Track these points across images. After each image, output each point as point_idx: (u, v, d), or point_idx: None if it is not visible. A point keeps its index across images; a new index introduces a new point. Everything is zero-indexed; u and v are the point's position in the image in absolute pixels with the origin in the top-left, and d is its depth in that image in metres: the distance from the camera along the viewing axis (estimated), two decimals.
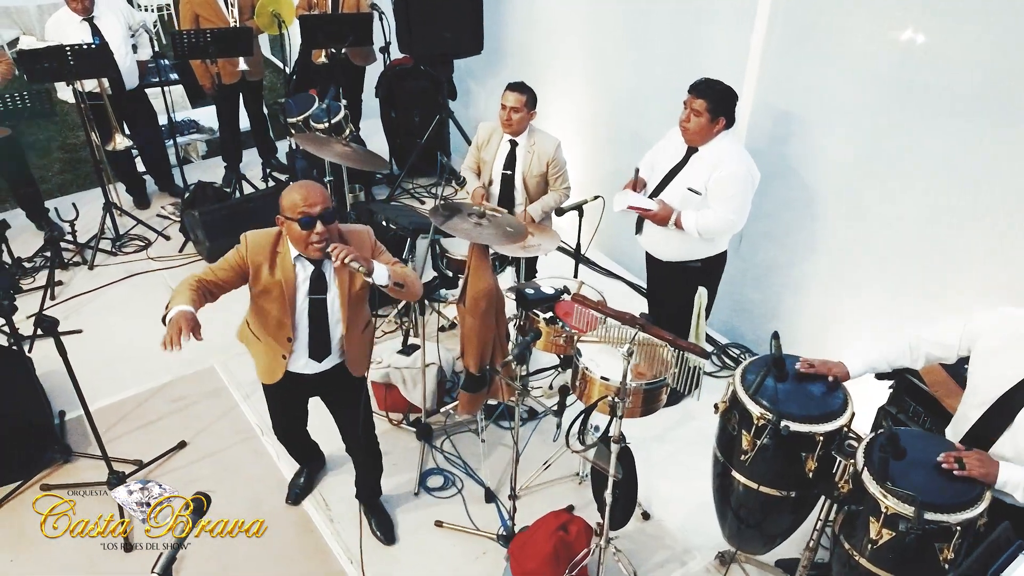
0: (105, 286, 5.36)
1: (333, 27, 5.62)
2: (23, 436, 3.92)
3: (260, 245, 2.91)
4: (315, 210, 2.70)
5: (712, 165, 3.70)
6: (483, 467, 4.02)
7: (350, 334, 3.08)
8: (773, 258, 4.52)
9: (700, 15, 4.45)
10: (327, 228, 2.74)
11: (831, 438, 2.71)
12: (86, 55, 4.97)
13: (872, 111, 3.80)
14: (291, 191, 2.77)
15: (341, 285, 2.97)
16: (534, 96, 4.24)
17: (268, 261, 2.90)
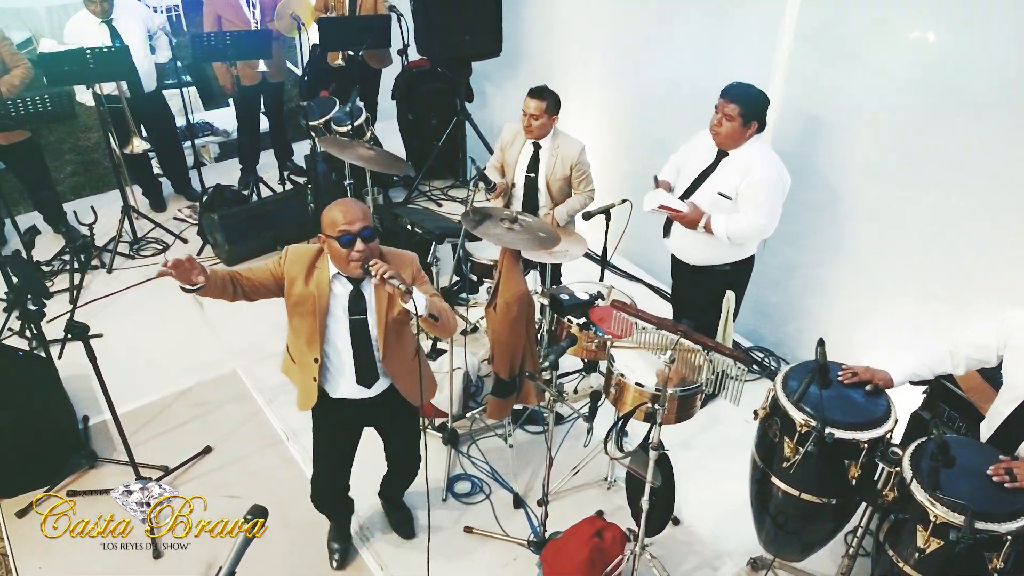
0: (124, 290, 5.33)
1: (351, 29, 5.60)
2: (50, 442, 3.90)
3: (299, 258, 2.87)
4: (355, 227, 2.67)
5: (743, 170, 3.68)
6: (512, 472, 4.00)
7: (389, 359, 2.97)
8: (794, 260, 4.50)
9: (726, 17, 4.43)
10: (368, 247, 2.70)
11: (875, 445, 2.70)
12: (107, 58, 4.95)
13: (899, 113, 3.79)
14: (331, 209, 2.72)
15: (379, 307, 2.88)
16: (556, 100, 4.22)
17: (304, 274, 2.85)
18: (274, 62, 5.76)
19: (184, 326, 5.09)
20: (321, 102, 5.33)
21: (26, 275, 3.22)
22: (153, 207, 6.16)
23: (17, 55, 5.11)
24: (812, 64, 4.08)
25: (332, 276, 2.84)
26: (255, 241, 5.53)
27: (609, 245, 4.21)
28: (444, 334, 2.98)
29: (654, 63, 5.01)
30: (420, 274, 2.94)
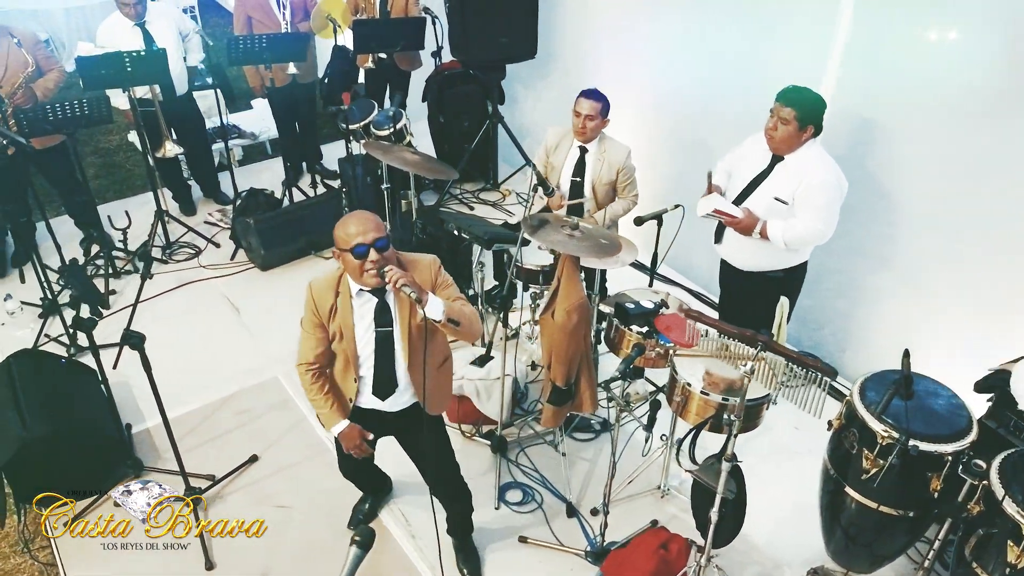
0: (159, 295, 5.28)
1: (385, 31, 5.55)
2: (97, 450, 3.85)
3: (323, 289, 2.85)
4: (368, 238, 2.61)
5: (800, 174, 3.63)
6: (564, 481, 3.96)
7: (415, 368, 2.92)
8: (834, 264, 4.45)
9: (776, 18, 4.38)
10: (382, 256, 2.64)
11: (958, 457, 2.65)
12: (144, 61, 4.90)
13: (955, 117, 3.74)
14: (342, 224, 2.68)
15: (402, 317, 2.85)
16: (608, 103, 4.19)
17: (332, 303, 2.84)
18: (305, 64, 5.70)
19: (221, 331, 5.04)
20: (361, 104, 5.28)
21: (83, 284, 3.17)
22: (183, 211, 6.11)
23: (51, 59, 5.07)
24: (864, 66, 4.03)
25: (355, 294, 2.81)
26: (290, 246, 5.49)
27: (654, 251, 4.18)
28: (466, 339, 2.91)
29: (693, 66, 4.95)
30: (441, 277, 2.89)
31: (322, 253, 5.66)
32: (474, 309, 2.87)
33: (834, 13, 4.04)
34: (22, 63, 4.89)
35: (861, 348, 4.58)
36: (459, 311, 2.74)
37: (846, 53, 4.07)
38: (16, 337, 4.83)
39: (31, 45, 4.97)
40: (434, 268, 2.88)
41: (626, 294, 3.54)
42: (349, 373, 2.97)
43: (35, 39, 5.05)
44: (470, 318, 2.79)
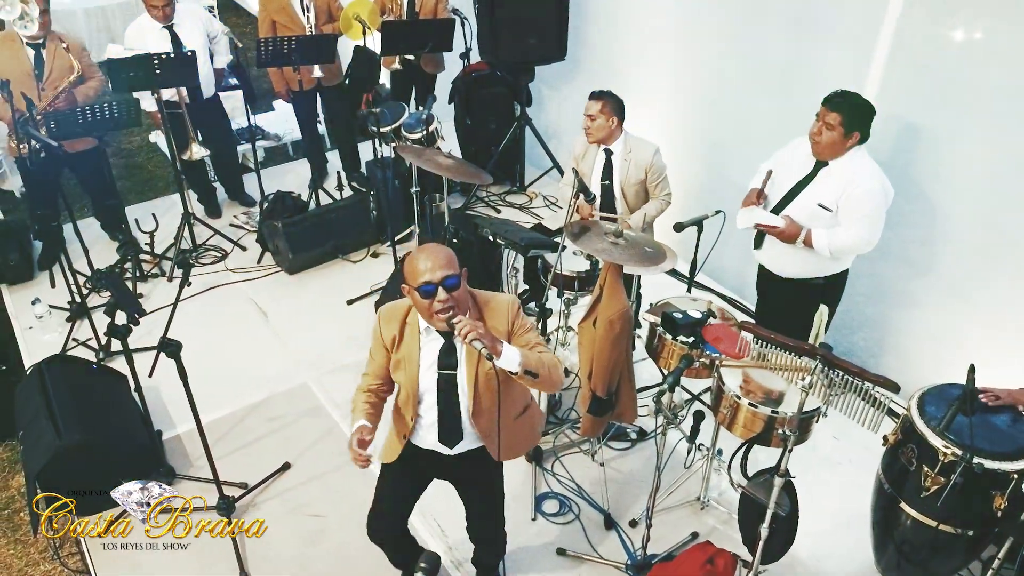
0: (186, 299, 5.23)
1: (414, 33, 5.50)
2: (130, 457, 3.81)
3: (392, 318, 2.72)
4: (436, 276, 2.44)
5: (844, 181, 3.56)
6: (601, 491, 3.90)
7: (481, 417, 2.73)
8: (876, 269, 4.38)
9: (818, 20, 4.29)
10: (452, 296, 2.46)
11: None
12: (173, 64, 4.86)
13: (1006, 124, 3.66)
14: (413, 258, 2.51)
15: (469, 362, 2.65)
16: (616, 103, 4.11)
17: (399, 333, 2.70)
18: (331, 66, 5.65)
19: (249, 335, 5.00)
20: (392, 107, 5.23)
21: (120, 291, 3.13)
22: (208, 213, 6.08)
23: (94, 66, 5.07)
24: (909, 69, 3.95)
25: (423, 330, 2.67)
26: (317, 249, 5.45)
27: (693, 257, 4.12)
28: (546, 390, 2.76)
29: (730, 68, 4.88)
30: (519, 321, 2.67)
31: (349, 257, 5.62)
32: (555, 357, 2.66)
33: (880, 13, 3.95)
34: (68, 68, 4.89)
35: (894, 355, 4.50)
36: (537, 361, 2.53)
37: (891, 55, 3.99)
38: (44, 342, 4.81)
39: (78, 51, 4.96)
40: (512, 311, 2.66)
41: (671, 303, 3.47)
42: (408, 410, 2.79)
43: (82, 45, 5.03)
44: (550, 368, 2.57)
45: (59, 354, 4.35)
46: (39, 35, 4.78)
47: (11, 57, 4.77)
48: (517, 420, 2.87)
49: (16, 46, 4.79)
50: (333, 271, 5.55)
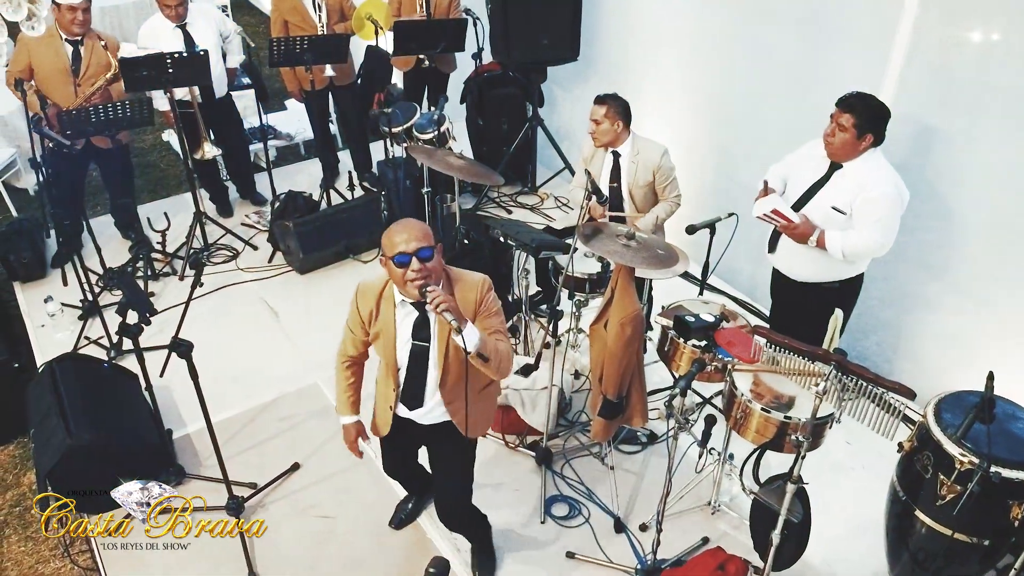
0: (197, 298, 5.22)
1: (426, 33, 5.49)
2: (140, 457, 3.81)
3: (368, 292, 2.83)
4: (411, 247, 2.54)
5: (858, 184, 3.52)
6: (611, 495, 3.87)
7: (449, 387, 2.86)
8: (890, 272, 4.33)
9: (833, 21, 4.25)
10: (425, 266, 2.56)
11: None
12: (186, 63, 4.87)
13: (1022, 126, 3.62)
14: (389, 231, 2.63)
15: (440, 335, 2.77)
16: (621, 106, 4.07)
17: (375, 306, 2.81)
18: (343, 66, 5.65)
19: (259, 335, 5.00)
20: (404, 107, 5.22)
21: (132, 290, 3.13)
22: (220, 212, 6.09)
23: None
24: (926, 70, 3.90)
25: (398, 303, 2.77)
26: (328, 249, 5.44)
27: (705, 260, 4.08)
28: (494, 376, 2.81)
29: (743, 69, 4.84)
30: (487, 302, 2.76)
31: (360, 257, 5.61)
32: (510, 348, 2.78)
33: (896, 13, 3.91)
34: (104, 66, 4.92)
35: (909, 360, 4.45)
36: (492, 348, 2.65)
37: (908, 56, 3.94)
38: (56, 340, 4.83)
39: (115, 50, 4.98)
40: (482, 290, 2.76)
41: (683, 306, 3.44)
42: (390, 381, 2.94)
43: (117, 45, 5.05)
44: (501, 357, 2.69)
45: (70, 352, 4.36)
46: (79, 33, 4.82)
47: (51, 53, 4.82)
48: (481, 393, 2.99)
49: (56, 43, 4.83)
50: (344, 271, 5.54)
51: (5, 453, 4.35)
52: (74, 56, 4.84)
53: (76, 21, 4.77)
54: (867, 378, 2.51)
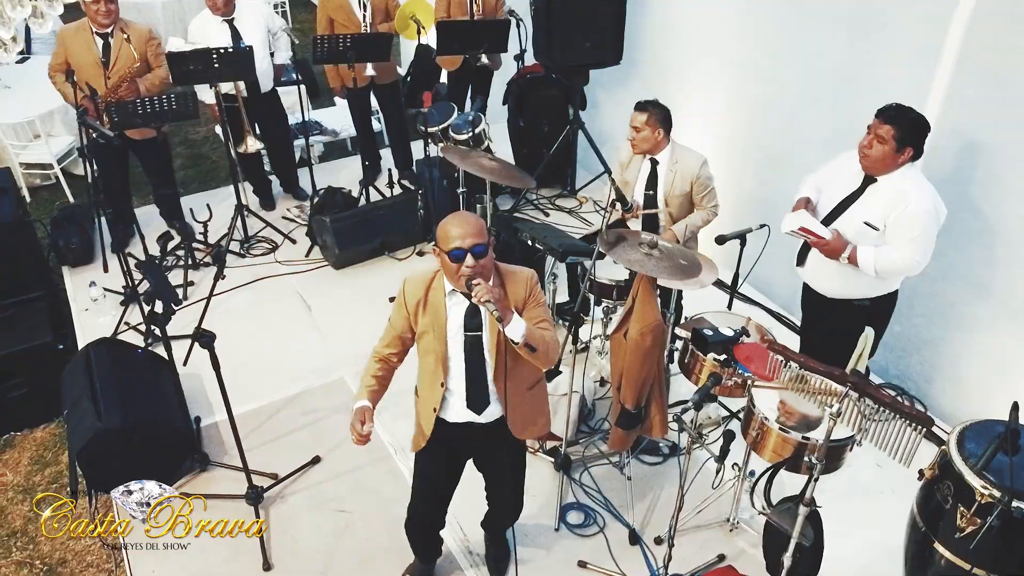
0: (235, 288, 5.36)
1: (470, 33, 5.50)
2: (167, 443, 3.91)
3: (416, 286, 2.83)
4: (467, 243, 2.59)
5: (893, 199, 3.40)
6: (628, 506, 3.82)
7: (502, 382, 2.81)
8: (935, 289, 4.18)
9: (879, 28, 4.12)
10: (479, 263, 2.60)
11: None
12: (232, 58, 4.97)
13: None
14: (446, 223, 2.66)
15: (491, 323, 2.76)
16: (662, 114, 4.01)
17: (423, 299, 2.80)
18: (383, 65, 5.69)
19: (292, 328, 5.08)
20: (440, 107, 5.24)
21: (158, 280, 3.21)
22: (263, 205, 6.20)
23: (161, 56, 5.16)
24: (976, 81, 3.75)
25: (448, 293, 2.78)
26: (364, 246, 5.49)
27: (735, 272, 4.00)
28: (542, 365, 2.81)
29: (783, 77, 4.74)
30: (535, 295, 2.80)
31: (395, 254, 5.65)
32: (556, 337, 2.78)
33: (946, 22, 3.76)
34: (130, 57, 5.04)
35: (951, 381, 4.30)
36: (539, 338, 2.66)
37: (957, 66, 3.79)
38: (98, 324, 4.98)
39: (142, 42, 5.10)
40: (530, 283, 2.80)
41: (704, 318, 3.38)
42: (437, 377, 2.86)
43: (146, 36, 5.15)
44: (548, 346, 2.70)
45: (107, 337, 4.49)
46: (105, 24, 4.94)
47: (83, 46, 4.96)
48: (529, 392, 2.96)
49: (87, 36, 4.97)
50: (378, 268, 5.59)
51: (47, 431, 4.50)
52: (104, 48, 4.97)
53: (100, 12, 4.88)
54: (883, 402, 2.42)
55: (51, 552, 3.86)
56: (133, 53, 4.99)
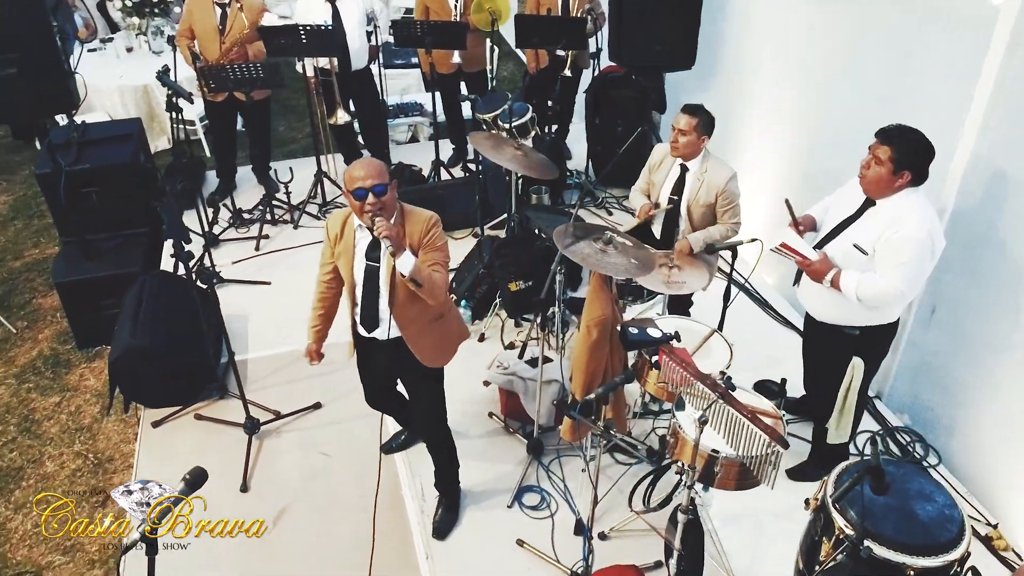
0: (302, 246, 5.85)
1: (547, 29, 5.64)
2: (188, 369, 4.41)
3: (336, 219, 3.24)
4: (367, 183, 2.92)
5: (887, 224, 3.24)
6: (583, 497, 3.88)
7: (398, 309, 3.18)
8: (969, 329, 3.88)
9: (917, 53, 3.89)
10: (379, 200, 2.93)
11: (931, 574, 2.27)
12: (318, 35, 5.41)
13: None
14: (351, 167, 3.01)
15: (388, 259, 3.08)
16: (708, 120, 3.97)
17: (340, 230, 3.21)
18: (468, 53, 5.95)
19: None
20: (492, 97, 5.45)
21: (172, 219, 3.65)
22: None
23: None
24: (1014, 114, 3.46)
25: (357, 227, 3.14)
26: None
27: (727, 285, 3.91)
28: (427, 299, 3.11)
29: (837, 95, 4.54)
30: (432, 236, 3.10)
31: (452, 233, 5.88)
32: (445, 279, 3.14)
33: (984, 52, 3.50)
34: (241, 25, 5.62)
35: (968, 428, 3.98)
36: (426, 276, 3.00)
37: (994, 95, 3.52)
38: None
39: (255, 12, 5.66)
40: (428, 224, 3.12)
41: (653, 320, 3.36)
42: (350, 297, 3.32)
43: (257, 7, 5.71)
44: (434, 284, 3.04)
45: (163, 271, 5.07)
46: None
47: (203, 14, 5.60)
48: (434, 324, 3.33)
49: (207, 5, 5.61)
50: None
51: None
52: (221, 17, 5.56)
53: None
54: (744, 415, 2.38)
55: (104, 449, 4.47)
56: (244, 21, 5.57)
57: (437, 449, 3.69)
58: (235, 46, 5.61)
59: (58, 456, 4.37)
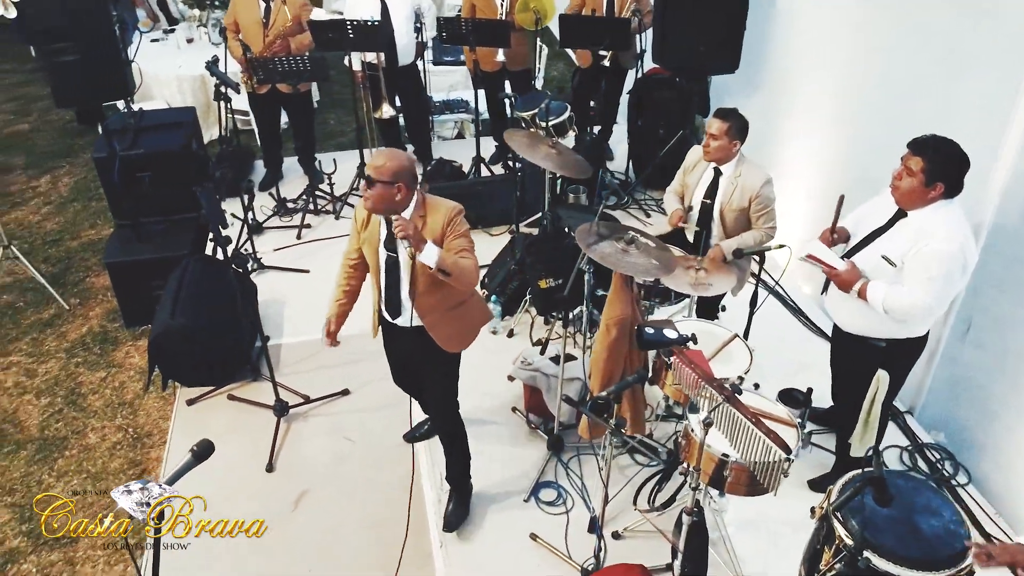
0: (342, 236, 5.96)
1: (591, 29, 5.66)
2: (223, 351, 4.56)
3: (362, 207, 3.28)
4: (368, 170, 3.01)
5: (918, 236, 3.18)
6: (601, 497, 3.89)
7: (419, 298, 3.22)
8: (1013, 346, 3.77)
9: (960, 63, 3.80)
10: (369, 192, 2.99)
11: None
12: (365, 31, 5.52)
13: None
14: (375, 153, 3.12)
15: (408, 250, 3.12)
16: (741, 125, 3.95)
17: (367, 218, 3.27)
18: (513, 52, 6.00)
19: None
20: (530, 96, 5.49)
21: (210, 205, 3.79)
22: None
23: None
24: None
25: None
26: None
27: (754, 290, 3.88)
28: (458, 287, 3.16)
29: (879, 104, 4.45)
30: (454, 225, 3.13)
31: (489, 230, 5.95)
32: (473, 265, 3.14)
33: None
34: (284, 18, 5.77)
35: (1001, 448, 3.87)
36: (452, 263, 3.02)
37: None
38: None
39: (295, 5, 5.81)
40: (451, 215, 3.15)
41: (668, 320, 3.36)
42: (375, 283, 3.40)
43: (300, 1, 5.85)
44: (463, 271, 3.07)
45: (206, 255, 5.23)
46: None
47: (248, 8, 5.77)
48: (455, 311, 3.36)
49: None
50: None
51: None
52: (265, 11, 5.71)
53: None
54: (748, 419, 2.38)
55: (143, 424, 4.65)
56: (287, 15, 5.72)
57: (449, 438, 3.72)
58: (278, 39, 5.76)
59: (100, 429, 4.56)
